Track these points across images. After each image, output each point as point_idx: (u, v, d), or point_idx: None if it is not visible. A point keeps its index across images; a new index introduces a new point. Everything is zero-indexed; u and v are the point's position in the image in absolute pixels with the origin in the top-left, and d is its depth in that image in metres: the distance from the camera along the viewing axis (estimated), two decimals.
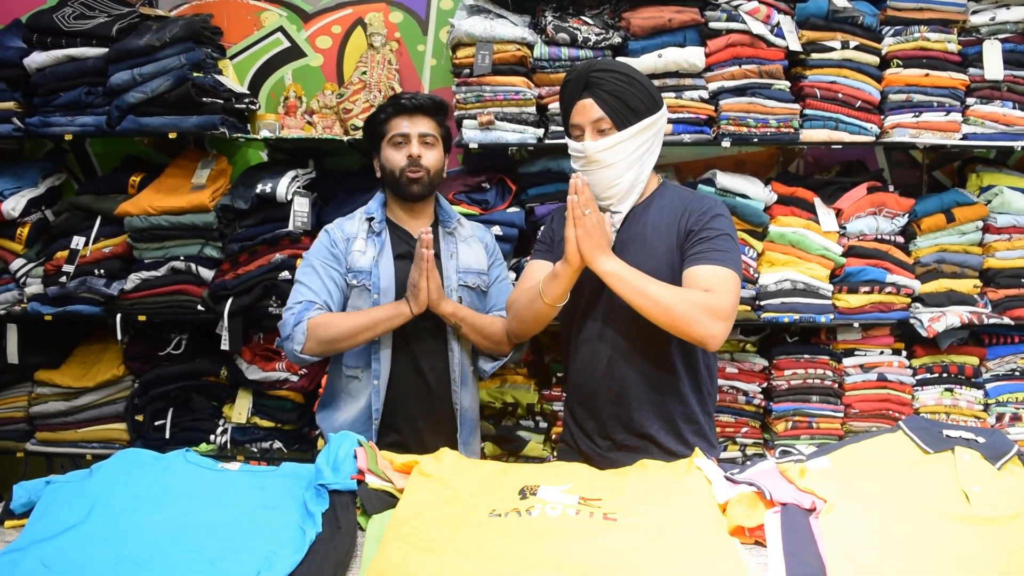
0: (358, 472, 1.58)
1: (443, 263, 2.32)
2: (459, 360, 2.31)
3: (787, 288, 2.82)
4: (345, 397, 2.33)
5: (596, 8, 2.89)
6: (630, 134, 1.95)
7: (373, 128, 2.33)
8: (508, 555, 1.30)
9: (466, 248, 2.38)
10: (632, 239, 2.01)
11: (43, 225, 3.03)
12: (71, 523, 1.40)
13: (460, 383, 2.32)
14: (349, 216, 2.40)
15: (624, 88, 1.95)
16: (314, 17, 3.27)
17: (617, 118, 1.95)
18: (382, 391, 2.26)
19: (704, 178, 2.91)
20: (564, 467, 1.68)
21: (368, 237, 2.31)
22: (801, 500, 1.46)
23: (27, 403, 3.08)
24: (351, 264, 2.28)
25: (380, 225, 2.33)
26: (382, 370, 2.26)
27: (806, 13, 2.78)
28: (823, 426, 2.92)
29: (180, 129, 2.79)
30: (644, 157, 2.00)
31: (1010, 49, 2.81)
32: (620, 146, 1.95)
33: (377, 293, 2.25)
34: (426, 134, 2.28)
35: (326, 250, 2.30)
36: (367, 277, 2.26)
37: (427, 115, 2.29)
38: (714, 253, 1.91)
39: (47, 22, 2.84)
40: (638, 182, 2.01)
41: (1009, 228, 2.89)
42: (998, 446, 1.58)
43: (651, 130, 1.99)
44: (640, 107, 1.96)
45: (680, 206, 2.02)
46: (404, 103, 2.28)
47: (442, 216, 2.41)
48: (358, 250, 2.29)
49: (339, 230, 2.34)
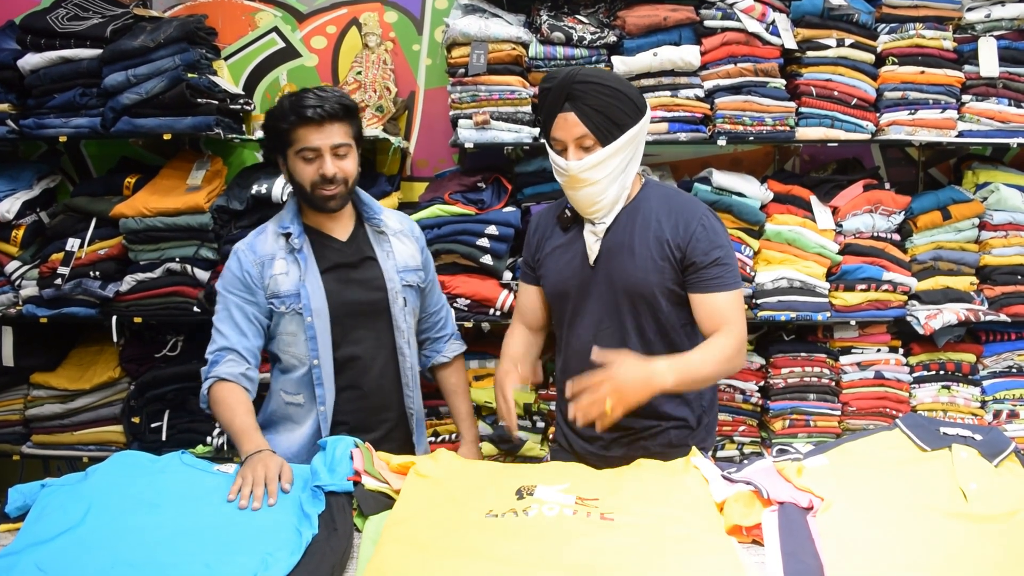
0: (354, 473, 1.58)
1: (381, 264, 2.14)
2: (411, 364, 2.20)
3: (784, 286, 2.82)
4: (286, 422, 2.15)
5: (591, 7, 2.89)
6: (614, 149, 1.86)
7: (276, 134, 2.05)
8: (505, 555, 1.30)
9: (400, 245, 2.21)
10: (620, 248, 1.95)
11: (38, 227, 3.02)
12: (67, 526, 1.40)
13: (412, 386, 2.21)
14: (260, 230, 2.15)
15: (608, 102, 1.84)
16: (309, 17, 3.26)
17: (601, 134, 1.84)
18: (329, 416, 2.08)
19: (700, 176, 2.91)
20: (561, 467, 1.68)
21: (287, 256, 2.08)
22: (798, 498, 1.46)
23: (23, 406, 3.07)
24: (273, 290, 2.06)
25: (299, 240, 2.08)
26: (327, 395, 2.07)
27: (801, 11, 2.78)
28: (820, 424, 2.92)
29: (175, 130, 2.78)
30: (628, 166, 1.92)
31: (1005, 46, 2.81)
32: (604, 163, 1.86)
33: (310, 316, 2.04)
34: (339, 144, 2.01)
35: (237, 280, 2.07)
36: (295, 300, 2.05)
37: (338, 121, 2.01)
38: (720, 278, 1.90)
39: (41, 24, 2.83)
40: (623, 191, 1.94)
41: (1005, 225, 2.89)
42: (995, 443, 1.58)
43: (635, 139, 1.90)
44: (625, 120, 1.86)
45: (667, 216, 1.94)
46: (310, 115, 1.97)
47: (366, 212, 2.19)
48: (279, 272, 2.06)
49: (250, 252, 2.09)
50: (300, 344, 2.08)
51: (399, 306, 2.15)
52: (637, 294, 1.95)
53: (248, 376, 2.03)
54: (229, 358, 2.02)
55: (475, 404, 2.87)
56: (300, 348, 2.08)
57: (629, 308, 1.97)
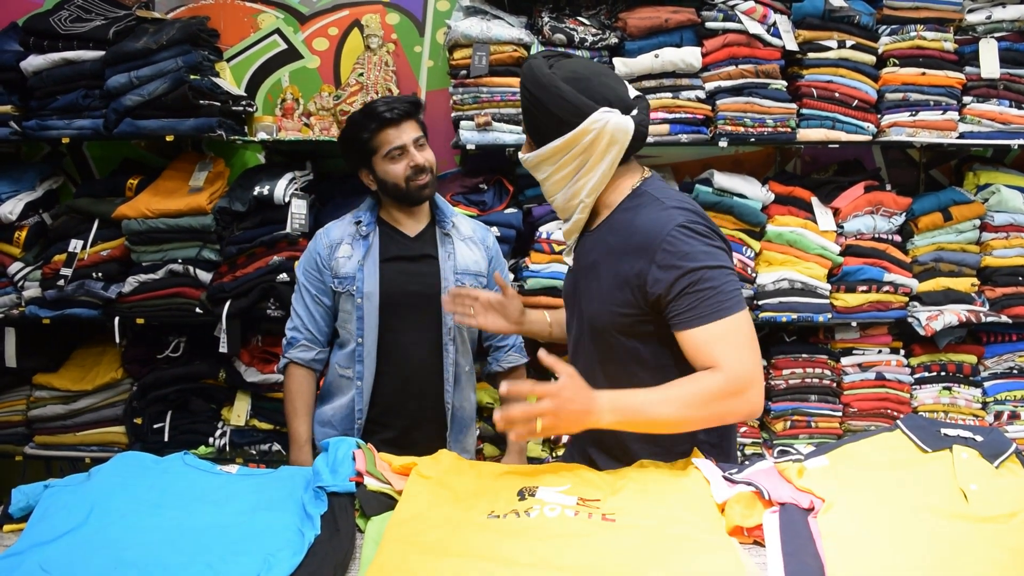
0: (356, 474, 1.58)
1: (440, 264, 2.30)
2: (453, 360, 2.30)
3: (785, 288, 2.82)
4: (335, 391, 2.36)
5: (593, 9, 2.89)
6: (541, 155, 1.69)
7: (360, 145, 2.24)
8: (507, 556, 1.30)
9: (464, 248, 2.35)
10: (589, 270, 1.76)
11: (41, 228, 3.02)
12: (70, 527, 1.40)
13: (454, 383, 2.31)
14: (340, 219, 2.38)
15: (527, 107, 1.70)
16: (311, 19, 3.27)
17: (534, 136, 1.72)
18: (366, 393, 2.27)
19: (702, 178, 2.91)
20: (563, 468, 1.68)
21: (354, 241, 2.29)
22: (799, 499, 1.46)
23: (25, 406, 3.07)
24: (336, 271, 2.28)
25: (368, 228, 2.30)
26: (365, 372, 2.26)
27: (802, 12, 2.78)
28: (821, 425, 2.92)
29: (177, 132, 2.78)
30: (578, 177, 1.69)
31: (1006, 47, 2.82)
32: (539, 165, 1.72)
33: (360, 297, 2.25)
34: (417, 137, 2.23)
35: (312, 262, 2.33)
36: (351, 283, 2.26)
37: (412, 118, 2.24)
38: (693, 309, 1.55)
39: (44, 25, 2.83)
40: (575, 201, 1.72)
41: (1006, 226, 2.89)
42: (996, 444, 1.58)
43: (572, 148, 1.65)
44: (546, 129, 1.66)
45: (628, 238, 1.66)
46: (388, 116, 2.20)
47: (438, 215, 2.37)
48: (343, 256, 2.28)
49: (325, 236, 2.34)
50: (352, 322, 2.28)
51: None
52: (593, 326, 1.74)
53: (318, 360, 2.37)
54: (302, 342, 2.34)
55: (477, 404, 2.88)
56: (352, 326, 2.28)
57: (591, 337, 1.77)
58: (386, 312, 2.26)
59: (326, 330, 2.36)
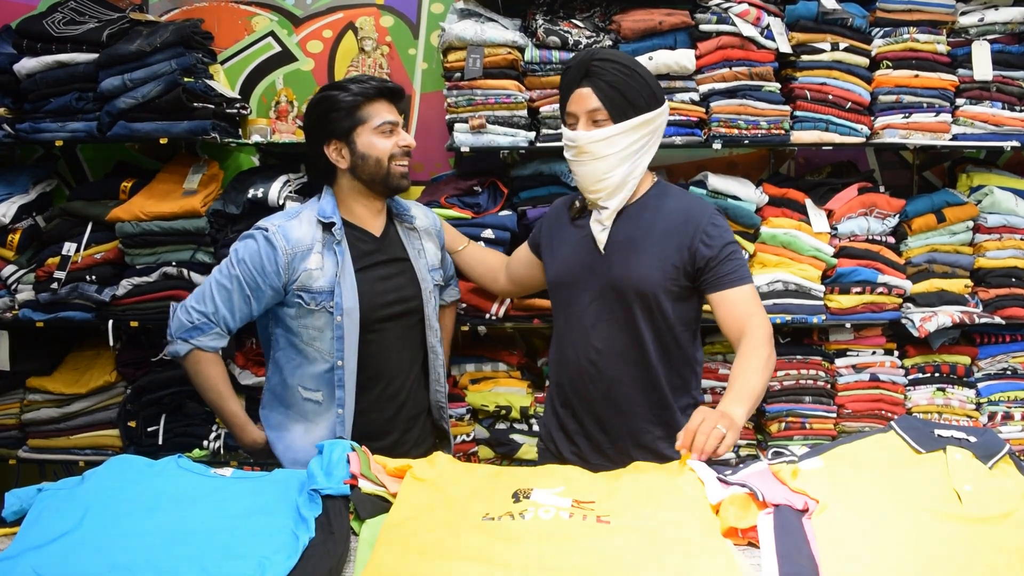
0: (351, 477, 1.58)
1: (414, 264, 2.15)
2: (442, 360, 2.21)
3: (779, 289, 2.82)
4: (300, 418, 2.09)
5: (586, 11, 2.89)
6: (625, 128, 1.89)
7: (348, 109, 2.01)
8: (502, 558, 1.30)
9: (429, 244, 2.23)
10: (625, 243, 1.98)
11: (34, 231, 3.01)
12: (63, 530, 1.40)
13: (440, 380, 2.22)
14: (292, 214, 2.07)
15: (624, 80, 1.88)
16: (305, 22, 3.27)
17: (614, 110, 1.89)
18: (348, 421, 2.03)
19: (695, 180, 2.91)
20: (557, 470, 1.68)
21: (324, 249, 2.02)
22: (794, 501, 1.46)
23: (19, 410, 3.06)
24: (304, 284, 2.00)
25: (341, 232, 2.04)
26: (347, 398, 2.02)
27: (796, 15, 2.79)
28: (816, 427, 2.92)
29: (171, 134, 2.78)
30: (639, 154, 1.94)
31: (999, 50, 2.82)
32: (614, 139, 1.89)
33: (340, 315, 2.00)
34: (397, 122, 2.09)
35: (259, 261, 1.99)
36: (326, 299, 2.00)
37: (401, 100, 2.13)
38: (735, 272, 1.94)
39: (37, 28, 2.83)
40: (630, 178, 1.96)
41: (999, 228, 2.90)
42: (990, 445, 1.59)
43: (649, 127, 1.93)
44: (639, 101, 1.90)
45: (680, 218, 1.98)
46: (391, 87, 2.07)
47: (396, 208, 2.18)
48: (314, 267, 2.00)
49: (283, 239, 2.00)
50: (326, 340, 2.03)
51: (432, 306, 2.15)
52: (640, 291, 1.96)
53: (222, 347, 2.09)
54: (215, 331, 2.05)
55: (471, 407, 2.88)
56: (326, 344, 2.04)
57: (629, 304, 1.98)
58: (366, 327, 2.04)
59: (239, 325, 2.07)
